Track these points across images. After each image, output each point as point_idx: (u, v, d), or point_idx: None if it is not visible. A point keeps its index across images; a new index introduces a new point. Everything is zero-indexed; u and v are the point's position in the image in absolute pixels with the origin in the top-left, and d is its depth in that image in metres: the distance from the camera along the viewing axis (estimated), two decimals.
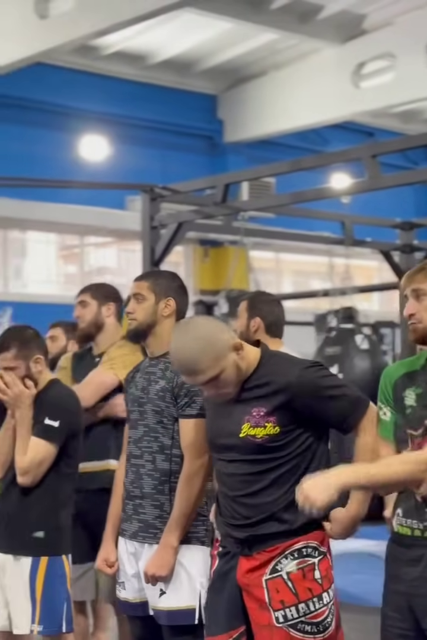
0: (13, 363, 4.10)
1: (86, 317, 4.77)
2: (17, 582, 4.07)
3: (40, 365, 4.15)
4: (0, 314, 14.85)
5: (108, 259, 17.47)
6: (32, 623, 4.04)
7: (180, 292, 4.04)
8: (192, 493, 3.74)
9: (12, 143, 14.45)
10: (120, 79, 15.49)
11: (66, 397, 4.23)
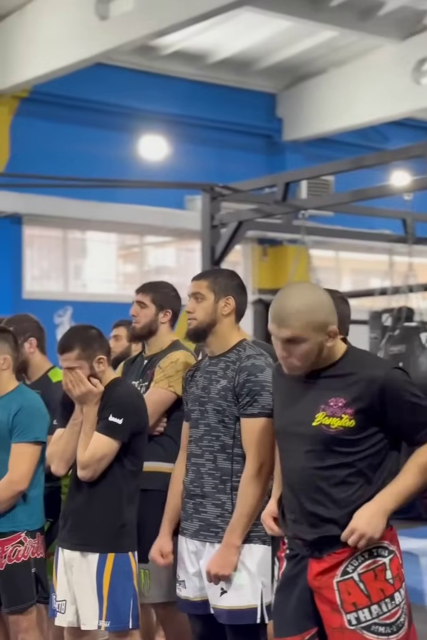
0: (76, 363, 4.11)
1: (142, 319, 4.74)
2: (84, 578, 4.10)
3: (103, 365, 4.16)
4: (61, 314, 14.99)
5: (167, 259, 17.52)
6: (99, 619, 4.06)
7: (240, 290, 4.02)
8: (254, 493, 3.73)
9: (72, 144, 14.57)
10: (180, 79, 15.52)
11: (131, 395, 4.24)
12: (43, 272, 15.69)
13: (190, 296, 3.98)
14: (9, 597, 4.42)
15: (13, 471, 4.37)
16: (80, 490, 4.12)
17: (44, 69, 12.63)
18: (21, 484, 4.38)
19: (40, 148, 14.24)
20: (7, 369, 4.52)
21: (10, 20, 13.16)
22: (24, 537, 4.41)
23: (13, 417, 4.41)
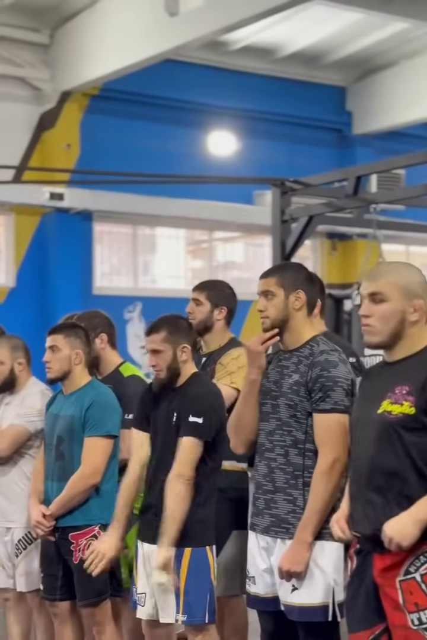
0: (161, 346, 4.14)
1: (197, 315, 4.80)
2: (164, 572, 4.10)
3: (186, 355, 4.17)
4: (131, 310, 15.09)
5: (235, 254, 17.51)
6: (176, 613, 4.06)
7: (309, 282, 3.98)
8: (326, 489, 3.69)
9: (141, 140, 14.66)
10: (249, 74, 15.49)
11: (210, 394, 4.24)
12: (113, 268, 15.81)
13: (260, 294, 3.95)
14: (83, 590, 4.45)
15: (86, 465, 4.41)
16: (159, 485, 4.11)
17: (114, 66, 12.72)
18: (94, 477, 4.41)
19: (110, 145, 14.35)
20: (79, 363, 4.57)
21: (80, 19, 13.29)
22: (98, 531, 4.44)
23: (86, 411, 4.45)
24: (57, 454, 4.51)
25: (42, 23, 13.63)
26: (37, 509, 4.51)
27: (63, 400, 4.61)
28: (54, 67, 13.83)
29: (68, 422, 4.49)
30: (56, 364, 4.55)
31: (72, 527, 4.46)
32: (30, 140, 14.11)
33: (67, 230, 14.24)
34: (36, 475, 4.64)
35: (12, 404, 4.98)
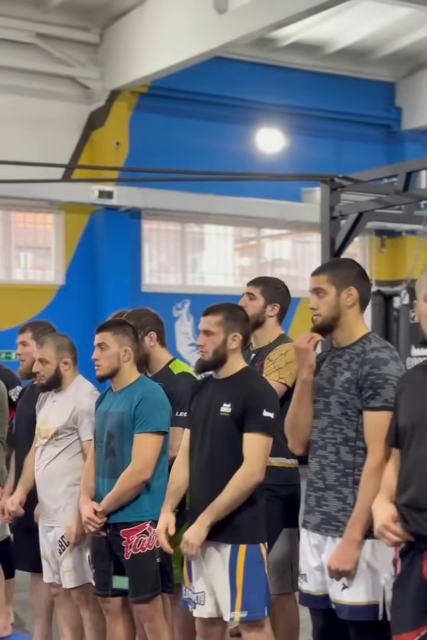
0: (214, 328, 4.14)
1: (250, 310, 4.75)
2: (219, 569, 4.11)
3: (236, 344, 4.15)
4: (179, 307, 15.13)
5: (283, 251, 17.48)
6: (232, 610, 4.06)
7: (361, 279, 3.94)
8: (375, 487, 3.65)
9: (190, 138, 14.69)
10: (297, 70, 15.45)
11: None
12: (161, 266, 15.86)
13: (312, 292, 3.93)
14: (135, 586, 4.47)
15: (136, 461, 4.42)
16: (212, 481, 4.12)
17: (163, 64, 12.78)
18: (144, 474, 4.42)
19: (159, 143, 14.40)
20: (128, 360, 4.58)
21: (129, 17, 13.36)
22: (149, 527, 4.45)
23: (135, 407, 4.46)
24: (108, 451, 4.53)
25: (92, 22, 13.73)
26: (88, 506, 4.53)
27: (112, 397, 4.62)
28: (104, 65, 13.92)
29: (118, 419, 4.51)
30: (105, 362, 4.56)
31: (123, 524, 4.47)
32: (79, 139, 14.22)
33: (116, 228, 14.33)
34: (87, 472, 4.66)
35: (58, 402, 5.01)
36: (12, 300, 13.63)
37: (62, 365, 4.99)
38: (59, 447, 4.88)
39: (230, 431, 4.10)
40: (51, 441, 4.90)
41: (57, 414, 4.94)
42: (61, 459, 4.88)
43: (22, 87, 13.31)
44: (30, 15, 13.20)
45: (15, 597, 6.52)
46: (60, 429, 4.87)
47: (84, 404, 4.86)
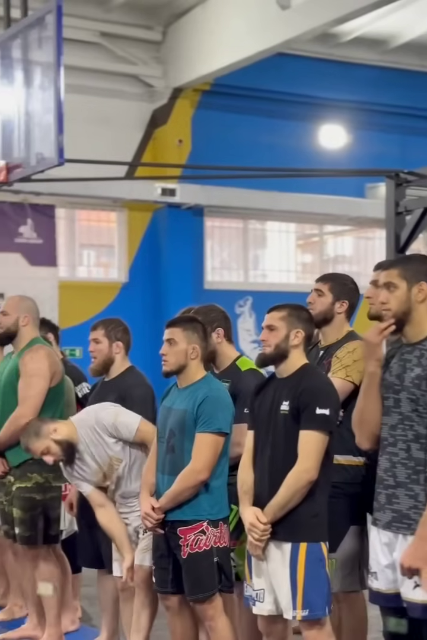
0: (277, 322, 4.17)
1: (318, 306, 4.77)
2: (280, 567, 4.10)
3: (298, 340, 4.16)
4: (241, 304, 15.12)
5: (345, 248, 17.37)
6: (294, 609, 4.05)
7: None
8: None
9: (252, 134, 14.67)
10: (360, 65, 15.32)
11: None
12: (223, 263, 15.87)
13: (382, 286, 3.89)
14: (192, 585, 4.47)
15: (196, 460, 4.41)
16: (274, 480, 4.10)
17: (225, 61, 12.78)
18: (203, 474, 4.41)
19: (221, 140, 14.40)
20: (195, 358, 4.57)
21: (192, 15, 13.39)
22: (206, 527, 4.44)
23: (198, 406, 4.45)
24: (168, 447, 4.53)
25: (155, 20, 13.79)
26: (146, 502, 4.55)
27: (177, 393, 4.62)
28: (166, 63, 13.97)
29: (180, 416, 4.51)
30: (172, 357, 4.56)
31: (180, 522, 4.47)
32: (142, 137, 14.29)
33: (178, 226, 14.37)
34: (148, 467, 4.67)
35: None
36: (76, 298, 13.75)
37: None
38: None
39: (290, 429, 4.10)
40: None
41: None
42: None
43: (86, 86, 13.41)
44: (94, 15, 13.31)
45: (82, 592, 6.60)
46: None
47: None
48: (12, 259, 13.64)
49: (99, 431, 4.93)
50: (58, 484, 5.60)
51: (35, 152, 7.37)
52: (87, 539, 5.45)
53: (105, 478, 5.01)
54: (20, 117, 7.51)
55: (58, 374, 5.65)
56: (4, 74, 7.76)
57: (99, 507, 5.03)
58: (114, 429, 4.90)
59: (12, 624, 6.16)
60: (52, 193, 13.26)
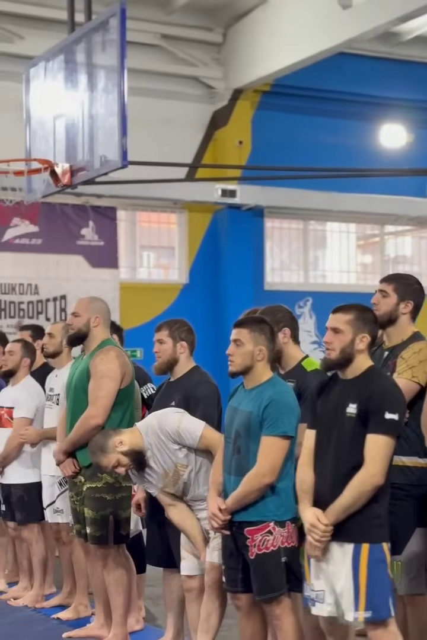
0: (343, 326, 4.13)
1: (382, 307, 4.73)
2: (341, 568, 4.08)
3: (363, 345, 4.13)
4: (301, 305, 15.08)
5: (406, 248, 17.22)
6: (356, 610, 4.02)
7: None
8: None
9: (313, 135, 14.61)
10: (422, 64, 15.18)
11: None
12: (283, 264, 15.83)
13: None
14: (260, 585, 4.46)
15: (261, 464, 4.40)
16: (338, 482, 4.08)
17: (286, 61, 12.75)
18: (268, 477, 4.40)
19: (281, 140, 14.38)
20: (262, 360, 4.55)
21: (252, 16, 13.38)
22: (273, 527, 4.43)
23: (264, 409, 4.43)
24: (234, 448, 4.52)
25: (215, 22, 13.81)
26: (213, 502, 4.55)
27: (243, 394, 4.61)
28: (227, 65, 13.99)
29: (246, 418, 4.49)
30: (238, 358, 4.55)
31: (247, 523, 4.46)
32: (203, 138, 14.33)
33: (238, 227, 14.38)
34: (216, 467, 4.67)
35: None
36: (137, 299, 13.84)
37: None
38: None
39: (356, 432, 4.06)
40: None
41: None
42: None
43: (147, 89, 13.48)
44: (155, 17, 13.37)
45: (146, 592, 6.63)
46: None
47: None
48: (73, 261, 13.77)
49: (162, 438, 4.93)
50: (128, 484, 5.63)
51: (99, 154, 7.44)
52: (157, 538, 5.47)
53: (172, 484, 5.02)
54: (84, 120, 7.59)
55: (128, 375, 5.67)
56: (68, 78, 7.85)
57: (169, 506, 5.04)
58: (177, 435, 4.91)
59: (78, 622, 6.22)
60: (114, 195, 13.36)
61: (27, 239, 13.43)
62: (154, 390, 6.19)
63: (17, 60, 11.91)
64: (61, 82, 7.93)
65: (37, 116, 8.29)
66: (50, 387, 6.53)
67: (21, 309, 13.48)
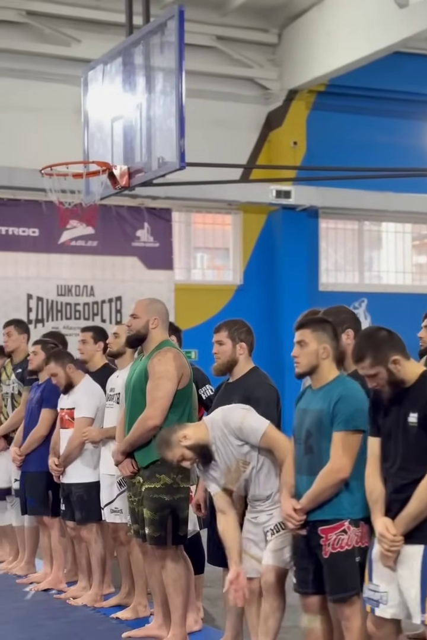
0: (372, 371, 4.12)
1: None
2: (409, 570, 4.03)
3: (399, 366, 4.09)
4: (356, 306, 14.99)
5: None
6: (423, 612, 3.97)
7: None
8: None
9: (368, 134, 14.54)
10: None
11: None
12: (338, 265, 15.76)
13: None
14: (333, 585, 4.43)
15: (335, 459, 4.39)
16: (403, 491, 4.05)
17: (341, 61, 12.71)
18: (343, 472, 4.38)
19: (336, 141, 14.33)
20: (326, 358, 4.55)
21: (308, 16, 13.35)
22: (348, 526, 4.40)
23: (334, 405, 4.43)
24: (306, 448, 4.52)
25: (270, 22, 13.80)
26: (288, 503, 4.54)
27: (311, 394, 4.61)
28: (282, 65, 13.98)
29: (316, 416, 4.49)
30: (304, 359, 4.55)
31: (321, 522, 4.44)
32: (257, 139, 14.32)
33: (293, 228, 14.35)
34: (287, 468, 4.67)
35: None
36: (192, 300, 13.87)
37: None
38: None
39: (419, 440, 4.02)
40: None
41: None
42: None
43: (202, 90, 13.51)
44: (211, 19, 13.41)
45: (204, 593, 6.63)
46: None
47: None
48: (129, 262, 13.85)
49: (226, 432, 4.93)
50: (186, 485, 5.64)
51: (157, 156, 7.45)
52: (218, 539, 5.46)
53: (234, 480, 5.01)
54: (142, 122, 7.61)
55: (186, 376, 5.68)
56: (126, 80, 7.88)
57: (220, 513, 5.04)
58: (239, 431, 4.90)
59: (137, 622, 6.24)
60: (169, 197, 13.41)
61: (83, 241, 13.54)
62: (212, 392, 6.18)
63: (74, 64, 12.02)
64: (119, 84, 7.96)
65: (95, 119, 8.34)
66: (111, 387, 6.57)
67: (77, 310, 13.60)
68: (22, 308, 13.24)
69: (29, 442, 7.34)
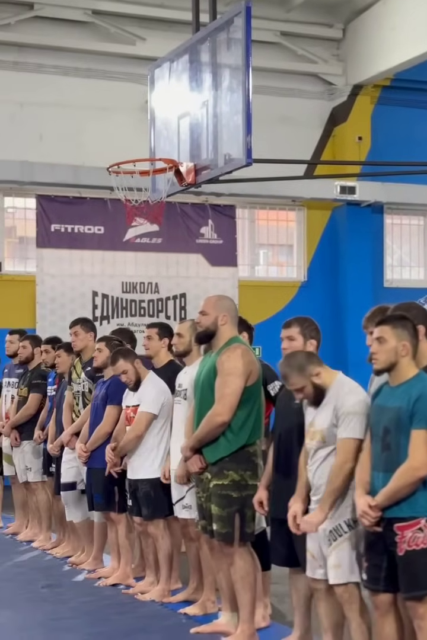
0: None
1: None
2: None
3: None
4: (422, 302, 14.81)
5: None
6: None
7: None
8: None
9: None
10: None
11: None
12: (403, 261, 15.62)
13: None
14: (407, 583, 4.39)
15: (413, 457, 4.35)
16: None
17: (406, 55, 12.60)
18: (421, 470, 4.35)
19: (402, 135, 14.21)
20: (406, 355, 4.52)
21: (373, 10, 13.25)
22: (424, 524, 4.36)
23: (413, 403, 4.38)
24: (383, 445, 4.48)
25: (335, 18, 13.73)
26: (363, 500, 4.51)
27: (389, 391, 4.57)
28: (346, 60, 13.89)
29: (395, 413, 4.45)
30: (382, 355, 4.52)
31: (397, 519, 4.40)
32: (321, 135, 14.26)
33: (357, 224, 14.26)
34: (362, 466, 4.64)
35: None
36: (255, 297, 13.86)
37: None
38: (326, 448, 4.89)
39: None
40: (319, 443, 4.91)
41: (320, 416, 4.94)
42: (330, 460, 4.87)
43: (266, 86, 13.49)
44: (275, 15, 13.39)
45: (271, 589, 6.61)
46: (325, 431, 4.87)
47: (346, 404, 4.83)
48: (193, 259, 13.89)
49: (333, 400, 4.86)
50: (254, 482, 5.63)
51: (223, 153, 7.47)
52: (280, 537, 5.44)
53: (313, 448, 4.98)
54: (209, 119, 7.64)
55: (255, 373, 5.67)
56: (193, 78, 7.91)
57: None
58: (344, 415, 4.80)
59: (205, 618, 6.25)
60: (233, 194, 13.42)
61: (148, 238, 13.61)
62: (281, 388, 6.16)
63: (139, 62, 12.10)
64: (185, 82, 7.99)
65: (162, 116, 8.38)
66: (179, 383, 6.59)
67: (142, 307, 13.68)
68: (87, 305, 13.37)
69: (94, 439, 7.38)
